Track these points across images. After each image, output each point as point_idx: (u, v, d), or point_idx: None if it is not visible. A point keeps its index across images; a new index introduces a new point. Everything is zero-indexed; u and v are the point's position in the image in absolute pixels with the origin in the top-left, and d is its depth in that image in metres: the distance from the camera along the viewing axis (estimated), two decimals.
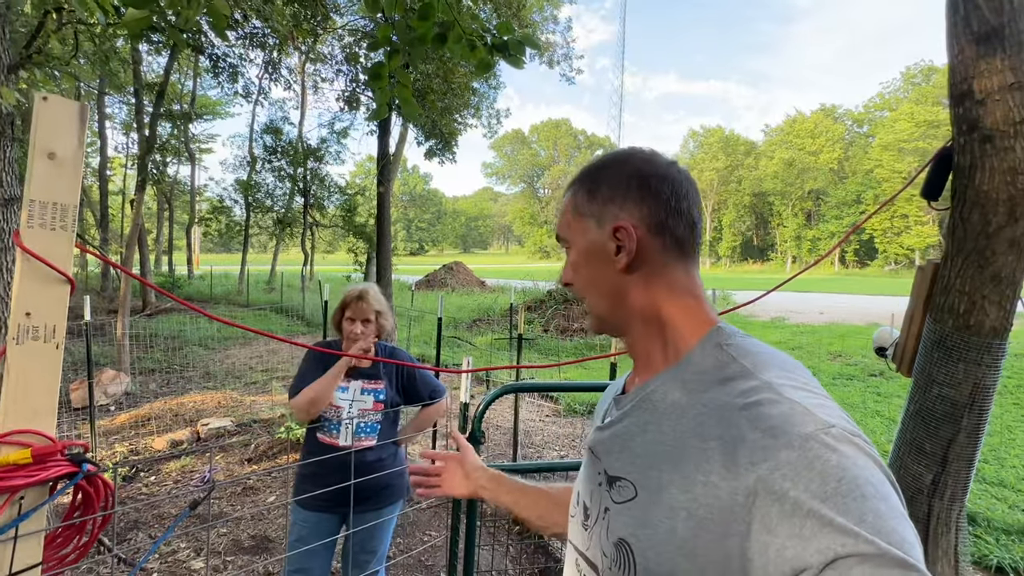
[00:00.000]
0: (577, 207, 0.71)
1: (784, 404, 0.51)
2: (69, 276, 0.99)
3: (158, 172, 12.01)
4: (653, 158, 0.69)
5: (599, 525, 0.65)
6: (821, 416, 0.50)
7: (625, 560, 0.58)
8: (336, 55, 14.36)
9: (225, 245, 49.82)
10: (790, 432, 0.49)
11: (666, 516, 0.54)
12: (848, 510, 0.43)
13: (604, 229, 0.68)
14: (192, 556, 3.02)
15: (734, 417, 0.53)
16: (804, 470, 0.46)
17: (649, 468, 0.59)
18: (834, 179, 52.85)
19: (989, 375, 1.46)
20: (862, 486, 0.44)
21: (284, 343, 10.16)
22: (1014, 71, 1.21)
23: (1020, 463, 4.58)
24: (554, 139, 78.54)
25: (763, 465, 0.48)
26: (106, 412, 5.78)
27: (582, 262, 0.71)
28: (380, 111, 2.60)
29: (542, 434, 5.21)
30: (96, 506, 1.09)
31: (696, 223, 0.68)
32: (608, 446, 0.67)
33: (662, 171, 0.67)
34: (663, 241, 0.66)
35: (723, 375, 0.58)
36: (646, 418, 0.63)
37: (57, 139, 0.98)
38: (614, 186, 0.68)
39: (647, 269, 0.66)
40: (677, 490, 0.54)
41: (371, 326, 2.07)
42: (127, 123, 19.38)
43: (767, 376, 0.55)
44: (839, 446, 0.47)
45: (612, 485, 0.64)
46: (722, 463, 0.51)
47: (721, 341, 0.62)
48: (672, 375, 0.63)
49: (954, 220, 1.39)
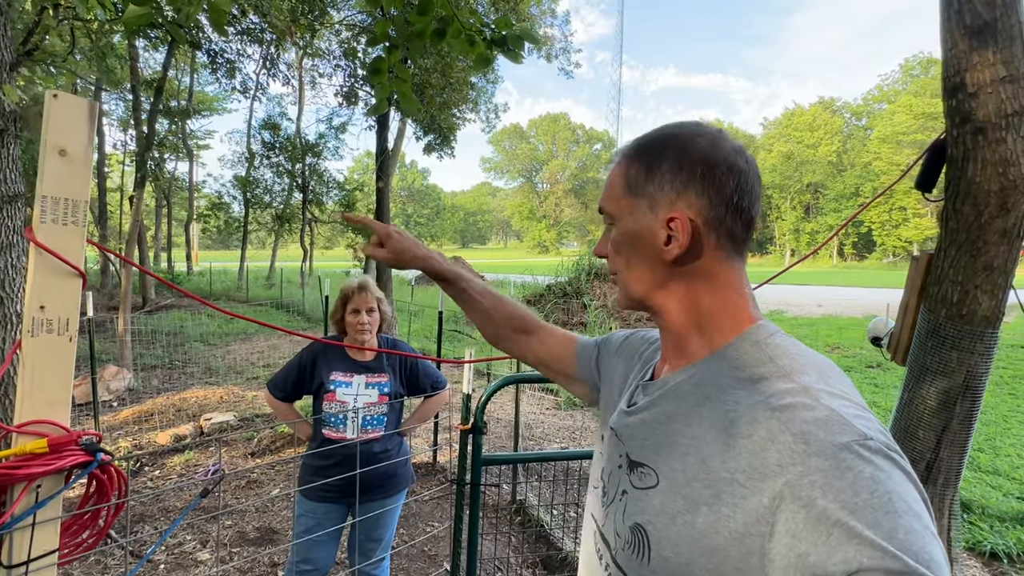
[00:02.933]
0: (629, 183, 0.65)
1: (820, 410, 0.50)
2: (81, 270, 1.01)
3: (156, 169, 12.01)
4: (720, 142, 0.62)
5: (615, 505, 0.65)
6: (858, 426, 0.48)
7: (640, 545, 0.58)
8: (334, 50, 14.33)
9: (224, 242, 49.73)
10: (823, 440, 0.47)
11: (687, 509, 0.54)
12: (878, 524, 0.42)
13: (657, 215, 0.62)
14: (198, 548, 3.06)
15: (766, 418, 0.51)
16: (836, 480, 0.45)
17: (673, 459, 0.58)
18: (832, 172, 52.78)
19: (981, 363, 1.48)
20: (895, 501, 0.43)
21: (284, 339, 10.18)
22: (1006, 64, 1.23)
23: (1015, 452, 4.63)
24: (552, 133, 78.26)
25: (792, 470, 0.47)
26: (109, 408, 5.81)
27: (626, 243, 0.66)
28: (380, 106, 2.62)
29: (543, 426, 5.25)
30: (110, 494, 1.12)
31: (753, 222, 0.63)
32: (633, 431, 0.66)
33: (730, 160, 0.61)
34: (718, 239, 0.62)
35: (758, 374, 0.56)
36: (674, 408, 0.62)
37: (68, 136, 1.00)
38: (675, 169, 0.62)
39: (695, 263, 0.62)
40: (700, 484, 0.54)
41: (375, 315, 2.10)
42: (124, 120, 19.34)
43: (804, 380, 0.54)
44: (874, 458, 0.46)
45: (633, 470, 0.63)
46: (749, 463, 0.50)
47: (760, 339, 0.60)
48: (706, 368, 0.61)
49: (947, 211, 1.41)
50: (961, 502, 3.55)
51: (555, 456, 2.14)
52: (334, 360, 2.08)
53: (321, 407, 2.05)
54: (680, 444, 0.58)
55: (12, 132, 2.50)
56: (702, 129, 0.64)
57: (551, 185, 78.56)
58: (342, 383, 2.05)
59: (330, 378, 2.06)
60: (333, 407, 2.03)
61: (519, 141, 79.41)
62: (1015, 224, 1.32)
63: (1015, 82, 1.23)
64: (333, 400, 2.03)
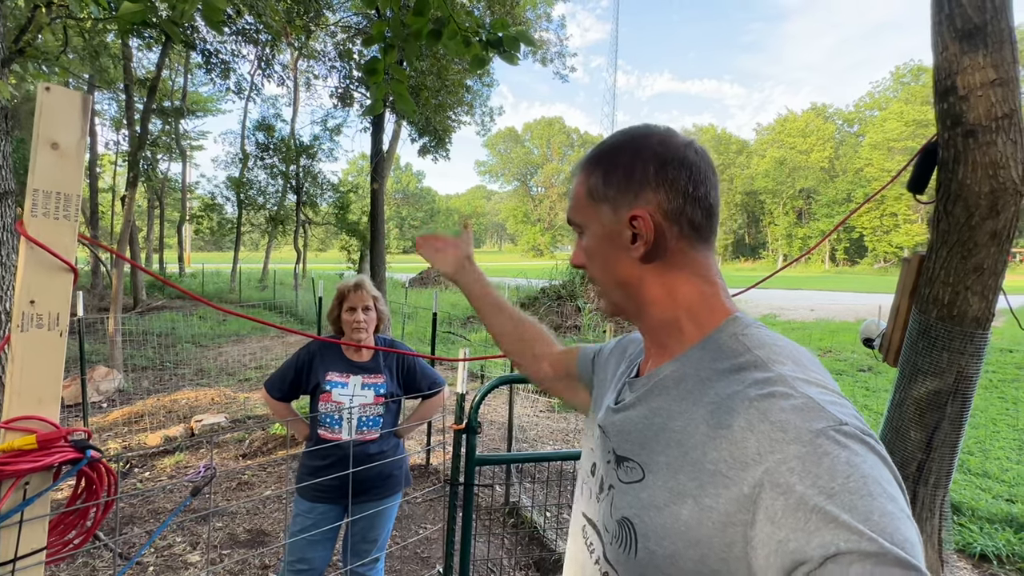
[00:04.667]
0: (591, 191, 0.69)
1: (797, 398, 0.51)
2: (72, 265, 1.00)
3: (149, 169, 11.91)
4: (669, 139, 0.66)
5: (604, 500, 0.67)
6: (833, 412, 0.49)
7: (627, 538, 0.59)
8: (329, 52, 14.31)
9: (216, 243, 49.46)
10: (800, 427, 0.48)
11: (672, 501, 0.55)
12: (854, 507, 0.43)
13: (620, 216, 0.66)
14: (188, 550, 3.03)
15: (745, 408, 0.52)
16: (813, 465, 0.46)
17: (658, 453, 0.59)
18: (825, 178, 53.23)
19: (972, 364, 1.49)
20: (870, 484, 0.44)
21: (276, 340, 10.12)
22: (995, 68, 1.24)
23: (1004, 455, 4.67)
24: (547, 137, 78.47)
25: (771, 457, 0.48)
26: (99, 409, 5.75)
27: (596, 247, 0.70)
28: (376, 106, 2.61)
29: (536, 428, 5.24)
30: (99, 492, 1.11)
31: (713, 209, 0.66)
32: (619, 427, 0.68)
33: (680, 155, 0.65)
34: (680, 228, 0.64)
35: (736, 365, 0.58)
36: (658, 403, 0.63)
37: (60, 129, 0.99)
38: (630, 171, 0.65)
39: (664, 257, 0.65)
40: (685, 476, 0.55)
41: (371, 313, 2.10)
42: (117, 119, 19.17)
43: (781, 369, 0.55)
44: (850, 443, 0.47)
45: (620, 464, 0.65)
46: (730, 453, 0.51)
47: (737, 331, 0.62)
48: (686, 361, 0.63)
49: (938, 213, 1.43)
50: (952, 504, 3.57)
51: (548, 457, 2.14)
52: (330, 361, 2.07)
53: (317, 407, 2.04)
54: (664, 438, 0.59)
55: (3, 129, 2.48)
56: (651, 130, 0.68)
57: (546, 189, 78.72)
58: (338, 383, 2.04)
59: (326, 378, 2.05)
60: (329, 407, 2.02)
61: (514, 144, 79.57)
62: (1005, 226, 1.34)
63: (1005, 85, 1.24)
64: (329, 400, 2.02)
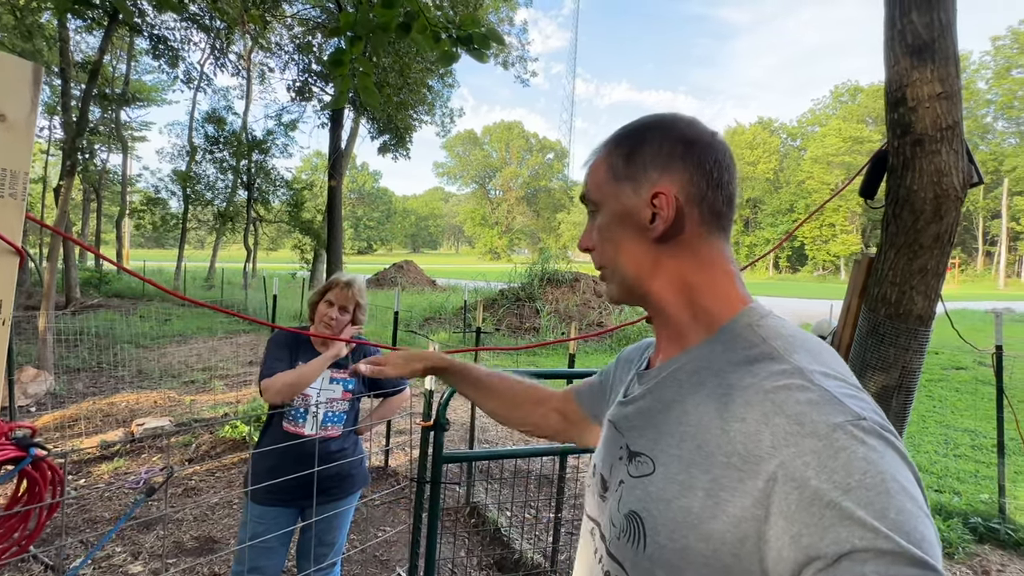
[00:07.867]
0: (612, 168, 0.67)
1: (814, 391, 0.50)
2: (19, 248, 0.93)
3: (86, 159, 11.18)
4: (696, 125, 0.66)
5: (611, 497, 0.65)
6: (852, 407, 0.48)
7: (635, 532, 0.58)
8: (285, 44, 13.89)
9: (159, 240, 46.95)
10: (817, 420, 0.47)
11: (682, 494, 0.54)
12: (871, 504, 0.42)
13: (641, 195, 0.64)
14: (129, 560, 2.85)
15: (760, 400, 0.51)
16: (829, 460, 0.45)
17: (670, 446, 0.58)
18: (770, 188, 55.75)
19: (915, 359, 1.60)
20: (887, 481, 0.43)
21: (224, 341, 9.71)
22: (942, 82, 1.34)
23: (932, 449, 5.04)
24: (506, 141, 78.75)
25: (786, 451, 0.47)
26: (27, 413, 5.35)
27: (612, 227, 0.68)
28: (341, 99, 2.55)
29: (497, 429, 5.23)
30: (43, 494, 1.03)
31: (733, 199, 0.65)
32: (631, 422, 0.67)
33: (707, 139, 0.64)
34: (701, 213, 0.63)
35: (751, 356, 0.56)
36: (670, 395, 0.62)
37: (8, 100, 0.92)
38: (656, 150, 0.64)
39: (681, 241, 0.64)
40: (697, 469, 0.53)
41: (347, 316, 2.03)
42: (50, 105, 17.92)
43: (797, 361, 0.54)
44: (868, 439, 0.46)
45: (632, 460, 0.63)
46: (744, 446, 0.50)
47: (752, 321, 0.60)
48: (699, 353, 0.61)
49: (887, 217, 1.52)
50: None
51: (515, 453, 2.14)
52: (303, 352, 2.01)
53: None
54: (677, 431, 0.58)
55: None
56: (679, 116, 0.68)
57: (504, 192, 78.98)
58: None
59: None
60: (295, 400, 1.95)
61: (473, 147, 79.46)
62: (947, 230, 1.44)
63: (949, 99, 1.34)
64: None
